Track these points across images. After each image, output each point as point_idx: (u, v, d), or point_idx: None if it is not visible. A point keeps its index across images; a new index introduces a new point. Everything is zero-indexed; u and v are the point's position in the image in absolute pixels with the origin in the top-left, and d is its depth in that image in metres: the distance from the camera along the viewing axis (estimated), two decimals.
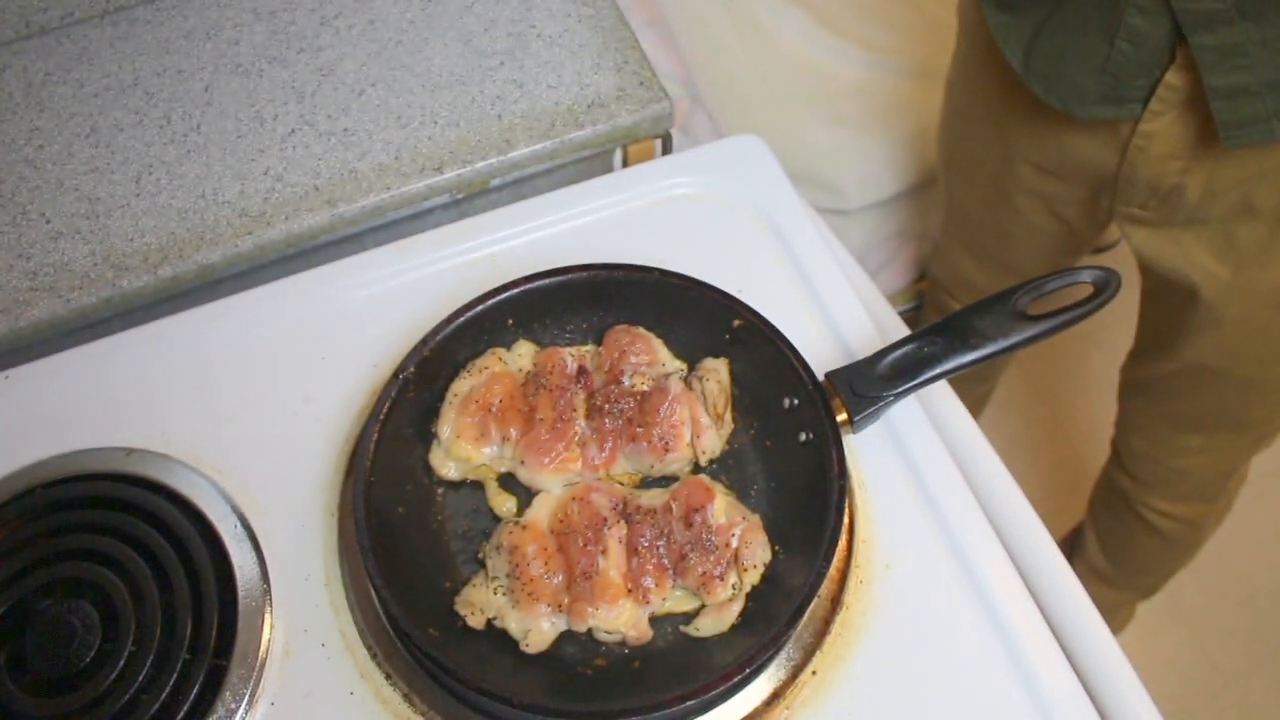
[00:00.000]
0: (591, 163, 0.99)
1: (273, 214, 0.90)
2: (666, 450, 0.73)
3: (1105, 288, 0.71)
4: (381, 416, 0.70)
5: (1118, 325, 1.26)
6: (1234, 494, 1.33)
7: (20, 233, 0.90)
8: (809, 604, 0.64)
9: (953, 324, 0.70)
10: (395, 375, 0.72)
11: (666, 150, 1.01)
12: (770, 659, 0.68)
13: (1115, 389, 1.29)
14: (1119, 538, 1.39)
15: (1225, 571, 1.78)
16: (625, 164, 1.01)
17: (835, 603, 0.70)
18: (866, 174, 1.74)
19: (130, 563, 0.71)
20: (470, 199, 0.97)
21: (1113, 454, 1.36)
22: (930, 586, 0.71)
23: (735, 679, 0.62)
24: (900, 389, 0.70)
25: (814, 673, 0.68)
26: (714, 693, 0.62)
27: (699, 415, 0.74)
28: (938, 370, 0.70)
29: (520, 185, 0.98)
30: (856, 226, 1.81)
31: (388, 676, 0.68)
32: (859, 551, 0.72)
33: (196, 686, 0.67)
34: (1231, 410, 1.14)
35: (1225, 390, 1.10)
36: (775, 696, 0.67)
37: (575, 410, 0.74)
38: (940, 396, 0.82)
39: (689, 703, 0.61)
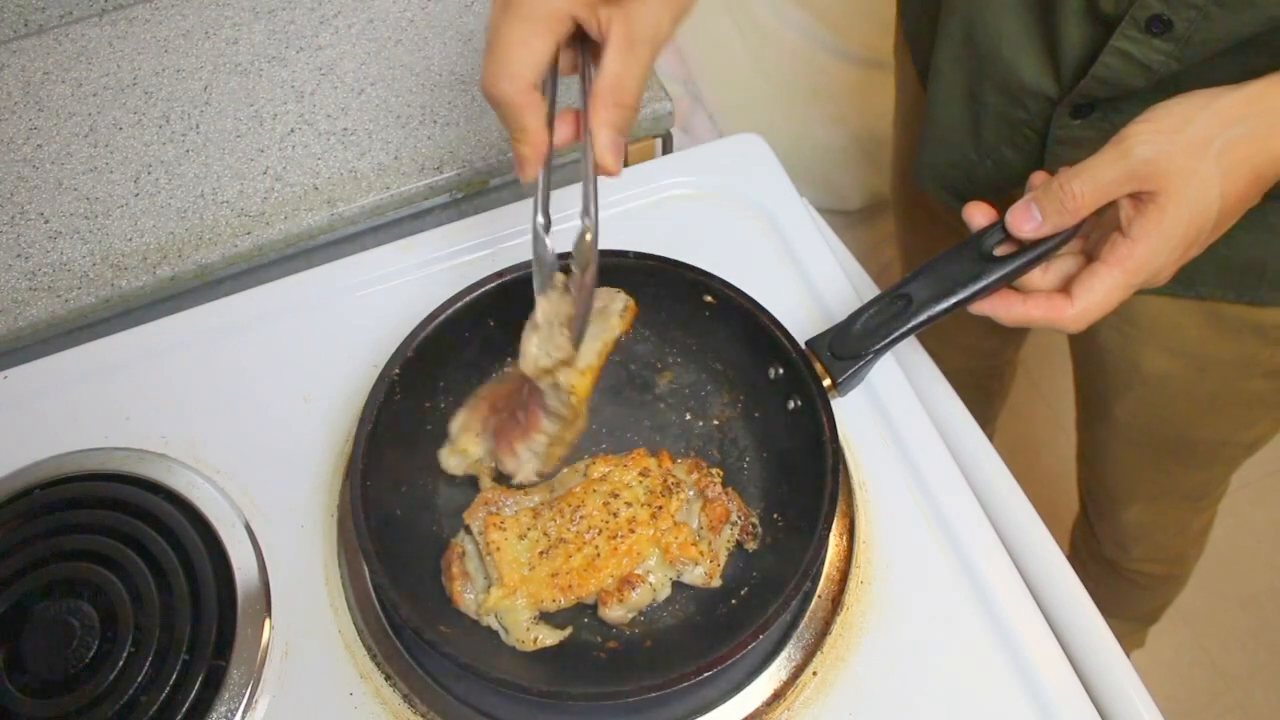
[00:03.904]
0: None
1: (272, 214, 0.90)
2: None
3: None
4: (371, 421, 0.70)
5: None
6: (1203, 540, 1.33)
7: (19, 232, 0.90)
8: (815, 566, 0.65)
9: (924, 275, 0.70)
10: (381, 379, 0.72)
11: (667, 149, 1.01)
12: (773, 657, 0.68)
13: None
14: (1101, 581, 1.39)
15: (1227, 573, 1.78)
16: (625, 163, 1.00)
17: (835, 603, 0.70)
18: (867, 174, 1.74)
19: (129, 563, 0.71)
20: (470, 199, 0.96)
21: (1081, 507, 1.36)
22: (930, 586, 0.71)
23: (750, 646, 0.62)
24: (879, 345, 0.71)
25: (814, 673, 0.68)
26: (730, 662, 0.62)
27: None
28: (914, 322, 0.70)
29: (520, 185, 0.97)
30: (858, 227, 1.81)
31: (388, 677, 0.68)
32: (859, 551, 0.72)
33: (195, 687, 0.67)
34: (1167, 479, 1.14)
35: (1159, 457, 1.10)
36: (776, 697, 0.67)
37: None
38: (943, 399, 0.82)
39: (707, 674, 0.61)
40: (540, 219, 0.64)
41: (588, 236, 0.63)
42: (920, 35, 0.99)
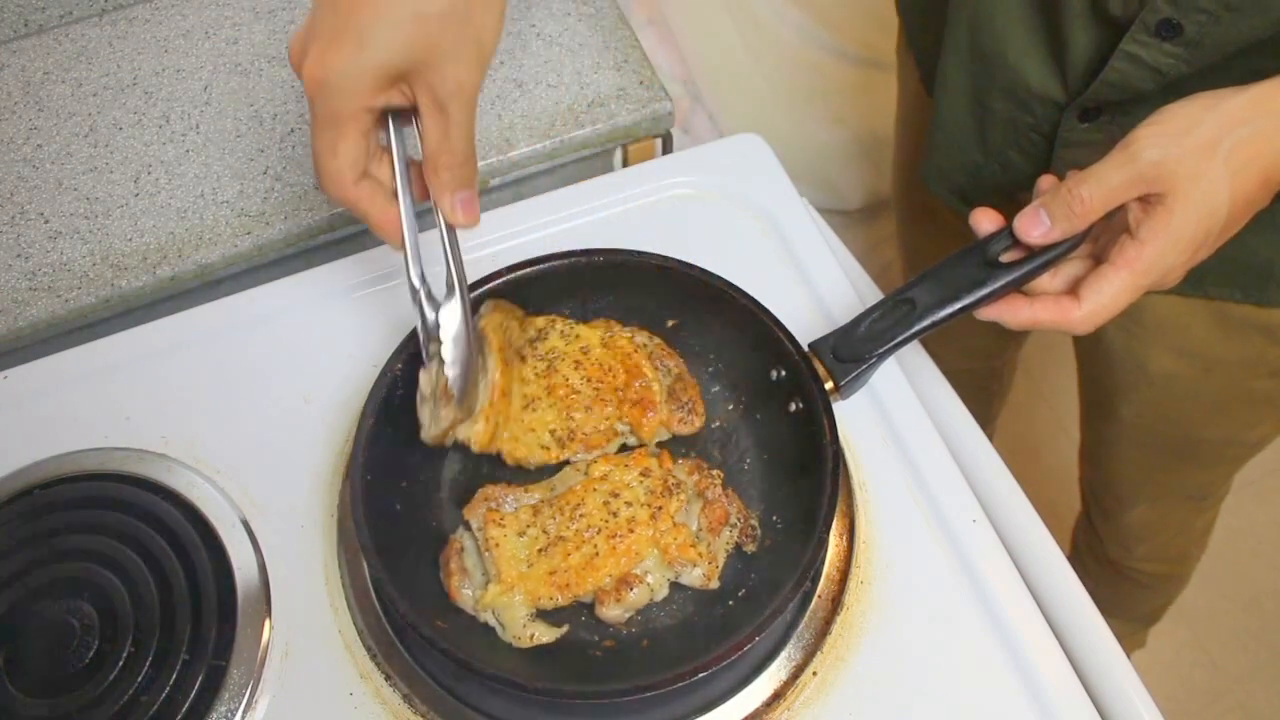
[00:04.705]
0: (591, 162, 0.99)
1: (272, 214, 0.90)
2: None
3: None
4: (373, 416, 0.70)
5: None
6: (1205, 540, 1.33)
7: (19, 232, 0.90)
8: (812, 569, 0.65)
9: (928, 280, 0.70)
10: (383, 373, 0.72)
11: (667, 149, 1.01)
12: (773, 657, 0.68)
13: None
14: (1103, 581, 1.39)
15: (1228, 573, 1.78)
16: (625, 163, 1.01)
17: (835, 603, 0.70)
18: (867, 174, 1.74)
19: (129, 563, 0.71)
20: None
21: (1083, 507, 1.36)
22: (930, 586, 0.71)
23: (745, 648, 0.62)
24: (882, 349, 0.71)
25: (814, 673, 0.68)
26: (725, 664, 0.62)
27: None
28: (918, 327, 0.70)
29: (520, 185, 0.97)
30: (858, 227, 1.81)
31: (387, 677, 0.68)
32: (859, 551, 0.72)
33: (195, 687, 0.67)
34: (1172, 479, 1.14)
35: (1164, 456, 1.10)
36: (776, 697, 0.67)
37: None
38: (944, 400, 0.82)
39: (702, 675, 0.61)
40: (415, 282, 0.65)
41: (455, 306, 0.66)
42: (924, 41, 0.99)
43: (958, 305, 0.68)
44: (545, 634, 0.67)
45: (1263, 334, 0.89)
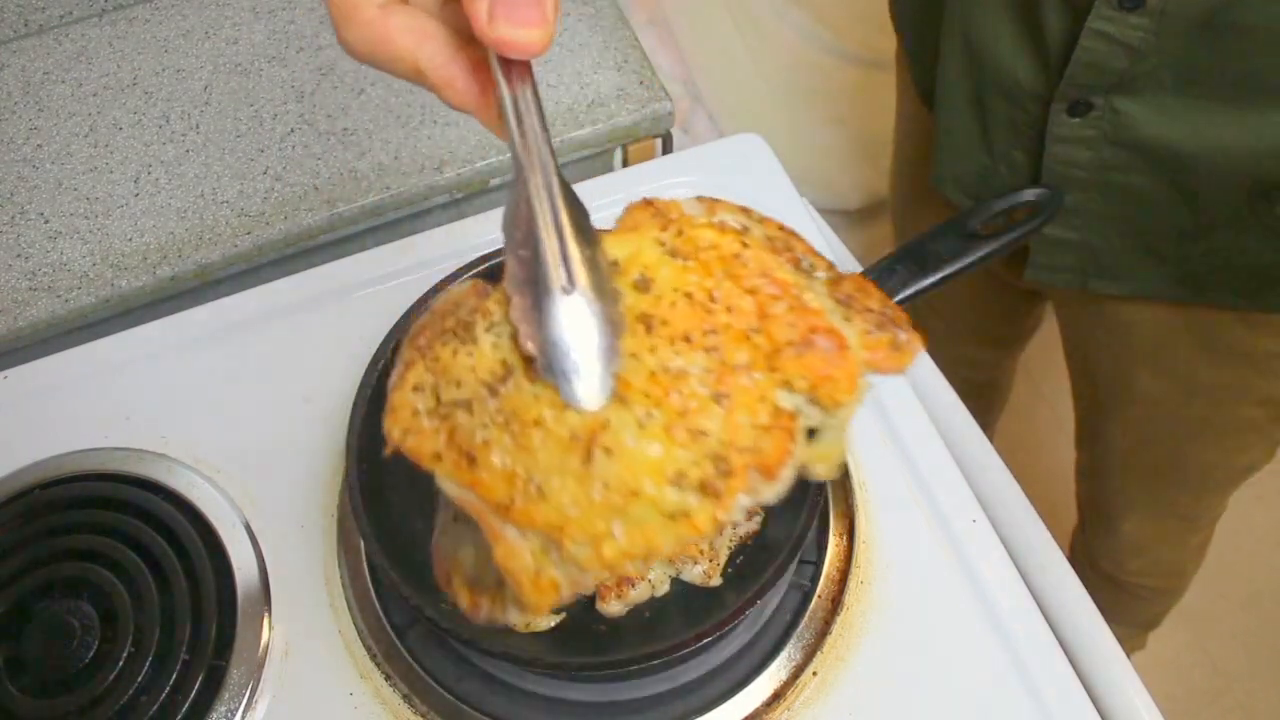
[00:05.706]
0: (591, 162, 0.99)
1: (272, 214, 0.90)
2: None
3: (1047, 206, 0.73)
4: (365, 406, 0.70)
5: None
6: (1201, 554, 1.33)
7: (19, 232, 0.90)
8: (805, 538, 0.65)
9: (909, 251, 0.71)
10: (374, 363, 0.71)
11: (667, 150, 1.01)
12: (773, 657, 0.68)
13: None
14: (1099, 590, 1.39)
15: (1227, 573, 1.78)
16: (625, 164, 1.01)
17: (835, 603, 0.70)
18: (867, 174, 1.74)
19: (129, 563, 0.71)
20: (470, 199, 0.96)
21: (1078, 520, 1.36)
22: (930, 586, 0.71)
23: (747, 612, 0.62)
24: None
25: (814, 674, 0.68)
26: (729, 628, 0.62)
27: None
28: (898, 297, 0.70)
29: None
30: (858, 227, 1.81)
31: (387, 677, 0.68)
32: (859, 551, 0.72)
33: (195, 687, 0.67)
34: (1159, 499, 1.14)
35: (1151, 478, 1.10)
36: (776, 697, 0.67)
37: None
38: (942, 399, 0.82)
39: (706, 640, 0.61)
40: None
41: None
42: (921, 53, 0.99)
43: (940, 274, 0.69)
44: (544, 620, 0.67)
45: (1246, 362, 0.90)
